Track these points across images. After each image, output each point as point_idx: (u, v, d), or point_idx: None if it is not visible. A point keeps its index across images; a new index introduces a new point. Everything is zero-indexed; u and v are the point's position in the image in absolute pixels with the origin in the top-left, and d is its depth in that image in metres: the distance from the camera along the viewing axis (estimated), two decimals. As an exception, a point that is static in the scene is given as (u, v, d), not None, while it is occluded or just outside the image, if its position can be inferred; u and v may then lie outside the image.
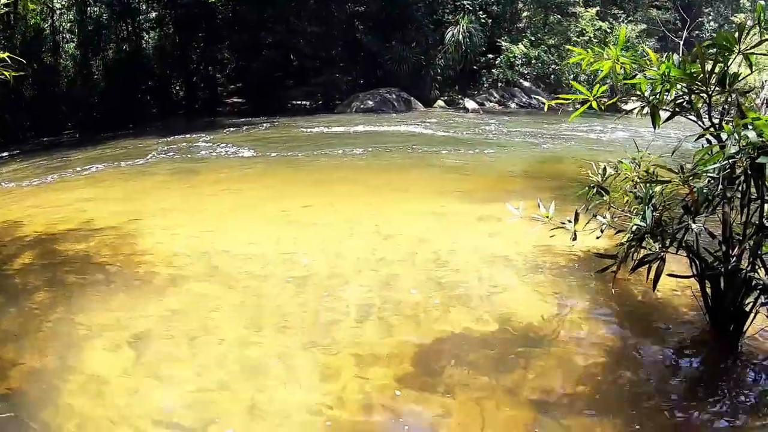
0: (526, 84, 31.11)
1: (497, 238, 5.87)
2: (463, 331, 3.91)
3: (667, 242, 3.48)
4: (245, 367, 3.67)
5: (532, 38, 30.43)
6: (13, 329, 4.29)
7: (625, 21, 28.60)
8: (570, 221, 4.00)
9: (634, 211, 3.74)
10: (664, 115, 3.73)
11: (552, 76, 29.81)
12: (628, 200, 3.89)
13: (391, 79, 28.10)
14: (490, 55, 30.90)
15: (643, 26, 28.08)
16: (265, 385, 3.50)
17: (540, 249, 5.37)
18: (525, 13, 33.82)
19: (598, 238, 3.96)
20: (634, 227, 3.55)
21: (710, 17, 32.31)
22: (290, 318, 4.14)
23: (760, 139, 2.97)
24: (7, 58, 6.08)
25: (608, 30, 27.62)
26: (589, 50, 3.92)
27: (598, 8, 29.57)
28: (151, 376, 3.63)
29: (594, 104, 3.88)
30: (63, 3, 28.82)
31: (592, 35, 27.50)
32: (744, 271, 3.42)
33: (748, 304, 3.58)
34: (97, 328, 4.15)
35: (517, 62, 29.81)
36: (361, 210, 7.20)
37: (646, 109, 3.69)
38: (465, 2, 30.19)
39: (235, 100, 30.81)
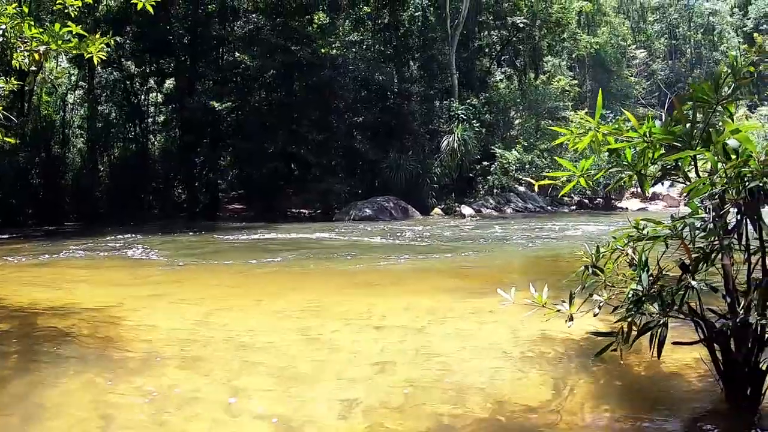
0: (522, 189, 31.82)
1: (490, 327, 5.71)
2: (453, 424, 3.61)
3: (667, 305, 3.33)
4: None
5: (525, 144, 31.30)
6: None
7: (614, 120, 29.94)
8: (564, 302, 3.82)
9: (630, 278, 3.59)
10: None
11: (547, 180, 30.56)
12: (626, 275, 3.72)
13: (389, 188, 28.76)
14: (485, 163, 31.82)
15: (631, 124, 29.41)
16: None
17: (535, 336, 5.19)
18: (517, 121, 34.97)
19: (595, 315, 3.76)
20: (631, 293, 3.42)
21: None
22: (270, 408, 3.86)
23: (748, 169, 2.94)
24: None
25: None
26: (572, 129, 3.84)
27: (586, 110, 30.53)
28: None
29: (582, 181, 3.80)
30: (75, 99, 30.25)
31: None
32: (754, 324, 3.24)
33: (764, 361, 3.39)
34: (63, 404, 3.94)
35: (511, 168, 30.56)
36: (353, 305, 7.09)
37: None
38: (459, 112, 31.17)
39: (236, 206, 31.64)
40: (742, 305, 3.30)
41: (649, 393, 4.09)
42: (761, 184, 3.00)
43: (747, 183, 3.02)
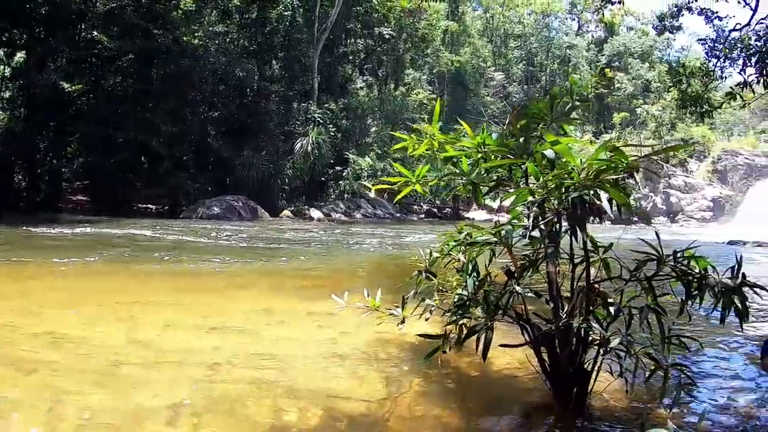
0: (372, 195, 32.44)
1: (327, 330, 5.75)
2: (284, 427, 3.50)
3: (492, 309, 3.39)
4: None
5: (379, 151, 31.95)
6: None
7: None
8: (397, 306, 3.91)
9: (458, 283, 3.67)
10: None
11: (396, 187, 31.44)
12: (456, 280, 3.79)
13: (240, 187, 28.41)
14: (338, 167, 32.20)
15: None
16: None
17: (372, 339, 5.25)
18: (373, 129, 35.62)
19: (427, 320, 3.82)
20: (456, 297, 3.50)
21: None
22: (93, 414, 3.61)
23: (570, 180, 3.03)
24: None
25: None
26: (413, 135, 3.89)
27: (441, 123, 31.74)
28: None
29: (418, 187, 3.88)
30: None
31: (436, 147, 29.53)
32: (576, 327, 3.34)
33: (588, 362, 3.51)
34: None
35: (363, 174, 31.08)
36: (190, 305, 6.96)
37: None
38: (316, 115, 31.37)
39: (80, 197, 29.56)
40: (565, 310, 3.41)
41: (481, 394, 4.17)
42: (583, 196, 3.07)
43: (569, 194, 3.09)
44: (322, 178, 32.67)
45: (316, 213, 28.78)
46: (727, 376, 4.52)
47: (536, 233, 3.44)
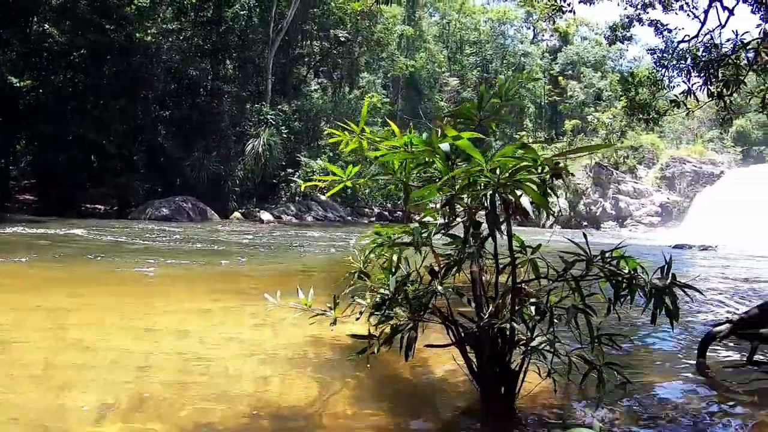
0: (323, 198, 32.37)
1: (262, 331, 5.74)
2: (214, 426, 3.47)
3: (415, 309, 3.38)
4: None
5: (331, 154, 31.85)
6: None
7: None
8: (331, 307, 3.90)
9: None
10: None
11: (349, 190, 31.39)
12: (380, 280, 3.77)
13: (190, 188, 28.02)
14: (290, 170, 31.99)
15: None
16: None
17: (307, 339, 5.25)
18: (326, 131, 35.54)
19: (357, 319, 3.78)
20: (378, 297, 3.49)
21: (496, 137, 35.40)
22: (22, 413, 3.58)
23: (484, 178, 2.97)
24: None
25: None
26: (346, 132, 3.84)
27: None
28: None
29: (349, 184, 3.88)
30: None
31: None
32: (500, 327, 3.28)
33: (514, 362, 3.50)
34: None
35: (315, 177, 31.04)
36: (121, 307, 6.86)
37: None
38: (269, 116, 31.11)
39: (28, 197, 28.74)
40: (489, 309, 3.36)
41: (413, 394, 4.18)
42: (500, 194, 3.03)
43: (484, 191, 3.04)
44: (274, 180, 32.49)
45: (266, 215, 28.56)
46: (661, 375, 4.61)
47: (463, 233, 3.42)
